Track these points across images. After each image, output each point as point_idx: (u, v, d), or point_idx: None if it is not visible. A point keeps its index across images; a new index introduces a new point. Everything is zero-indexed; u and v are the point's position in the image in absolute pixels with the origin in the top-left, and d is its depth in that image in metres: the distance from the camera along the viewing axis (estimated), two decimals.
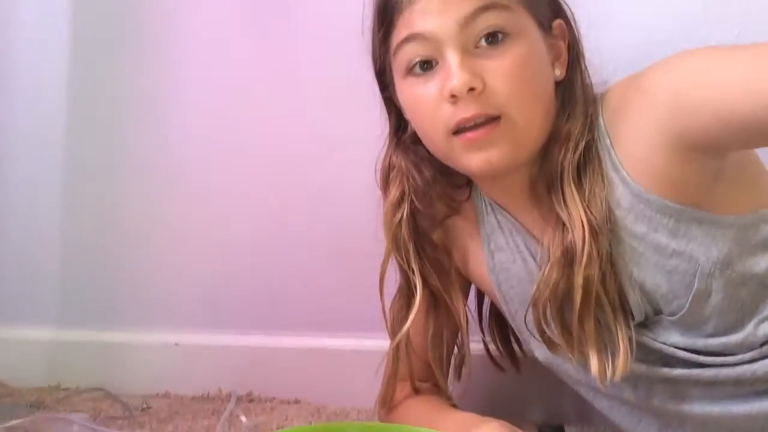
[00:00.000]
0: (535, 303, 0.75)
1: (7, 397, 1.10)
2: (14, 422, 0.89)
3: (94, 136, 1.21)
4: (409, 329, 0.82)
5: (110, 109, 1.20)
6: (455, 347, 0.89)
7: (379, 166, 0.84)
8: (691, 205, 0.69)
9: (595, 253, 0.71)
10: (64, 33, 1.20)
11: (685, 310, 0.72)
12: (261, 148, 1.14)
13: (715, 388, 0.74)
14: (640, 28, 0.98)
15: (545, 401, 1.02)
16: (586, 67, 0.78)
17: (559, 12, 0.77)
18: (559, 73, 0.75)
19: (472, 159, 0.71)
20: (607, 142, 0.72)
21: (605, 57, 0.79)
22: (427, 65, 0.72)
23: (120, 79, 1.19)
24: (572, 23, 0.78)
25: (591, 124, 0.74)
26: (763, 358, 0.71)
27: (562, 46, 0.76)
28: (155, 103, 1.18)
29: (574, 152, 0.73)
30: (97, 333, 1.17)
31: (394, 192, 0.81)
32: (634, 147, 0.71)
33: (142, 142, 1.19)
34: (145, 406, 1.04)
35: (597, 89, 0.78)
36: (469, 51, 0.70)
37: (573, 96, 0.75)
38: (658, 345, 0.75)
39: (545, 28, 0.75)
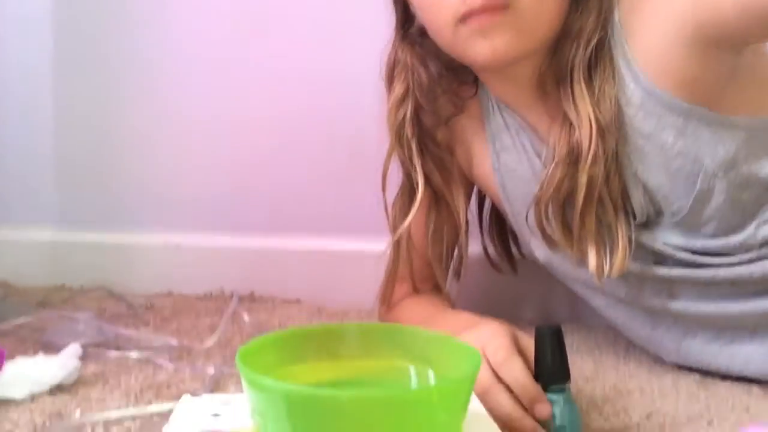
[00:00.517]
0: (537, 201, 0.75)
1: (14, 296, 1.11)
2: (22, 320, 0.90)
3: (84, 33, 1.17)
4: (410, 227, 0.83)
5: (103, 17, 1.16)
6: (455, 248, 0.89)
7: (384, 61, 0.82)
8: (701, 105, 0.69)
9: (600, 152, 0.70)
10: None
11: (686, 210, 0.72)
12: (261, 53, 1.11)
13: (711, 288, 0.75)
14: None
15: (539, 302, 1.04)
16: None
17: None
18: None
19: (478, 47, 0.70)
20: (622, 37, 0.71)
21: None
22: None
23: None
24: None
25: (605, 20, 0.72)
26: (760, 259, 0.72)
27: None
28: (153, 14, 1.14)
29: (586, 49, 0.71)
30: (99, 234, 1.17)
31: (398, 88, 0.80)
32: (651, 42, 0.69)
33: (143, 38, 1.15)
34: (148, 304, 1.05)
35: None
36: None
37: None
38: (657, 245, 0.75)
39: None
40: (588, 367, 0.81)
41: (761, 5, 0.62)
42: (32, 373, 0.70)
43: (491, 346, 0.61)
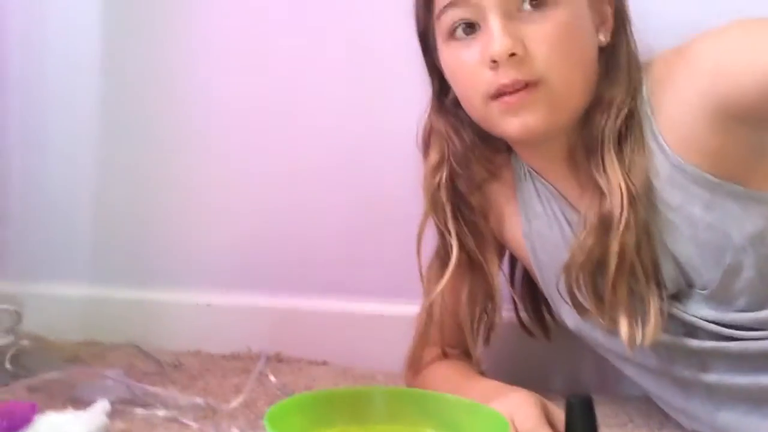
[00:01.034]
0: (567, 268, 0.76)
1: (45, 350, 1.12)
2: (52, 375, 0.91)
3: (128, 99, 1.22)
4: (443, 291, 0.83)
5: (144, 72, 1.21)
6: (486, 313, 0.89)
7: (420, 130, 0.85)
8: (728, 179, 0.69)
9: (632, 220, 0.71)
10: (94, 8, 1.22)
11: (716, 283, 0.72)
12: (297, 110, 1.15)
13: (743, 361, 0.74)
14: None
15: (569, 371, 1.02)
16: (632, 32, 0.77)
17: None
18: (603, 38, 0.75)
19: (509, 124, 0.72)
20: (648, 110, 0.72)
21: (651, 24, 0.78)
22: (470, 29, 0.72)
23: (149, 51, 1.20)
24: None
25: (634, 91, 0.73)
26: None
27: (608, 11, 0.75)
28: (189, 66, 1.19)
29: (616, 119, 0.72)
30: (130, 291, 1.20)
31: (433, 155, 0.83)
32: (675, 116, 0.70)
33: (177, 105, 1.19)
34: (177, 362, 1.07)
35: (641, 55, 0.77)
36: (511, 15, 0.70)
37: (617, 62, 0.75)
38: (688, 317, 0.75)
39: None
40: None
41: None
42: (61, 427, 0.71)
43: (520, 415, 0.60)
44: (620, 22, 0.76)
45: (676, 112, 0.70)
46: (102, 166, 1.24)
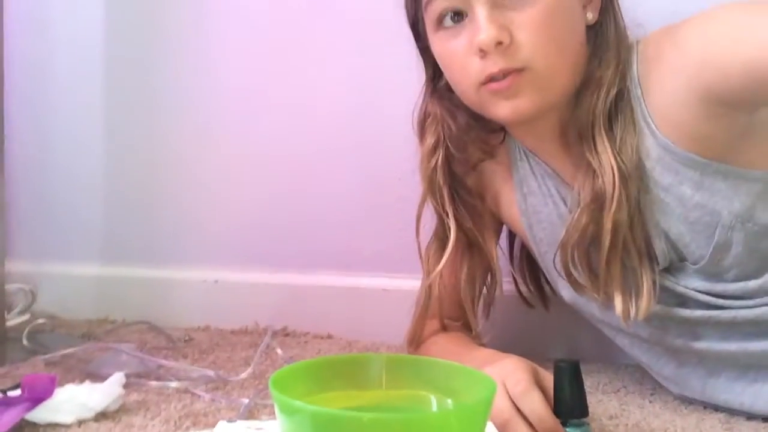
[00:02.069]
0: (563, 246, 0.77)
1: (60, 328, 1.16)
2: (68, 350, 0.94)
3: (134, 76, 1.24)
4: (442, 270, 0.85)
5: (149, 48, 1.23)
6: (485, 288, 0.92)
7: (416, 114, 0.86)
8: (717, 160, 0.70)
9: (624, 198, 0.72)
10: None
11: (706, 259, 0.74)
12: (300, 94, 1.17)
13: (733, 329, 0.76)
14: None
15: (567, 341, 1.04)
16: (619, 9, 0.77)
17: None
18: (591, 16, 0.75)
19: (500, 108, 0.73)
20: (639, 92, 0.73)
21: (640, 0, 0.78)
22: (458, 16, 0.73)
23: (157, 13, 1.22)
24: None
25: (624, 71, 0.74)
26: None
27: None
28: (196, 37, 1.20)
29: (606, 99, 0.73)
30: (141, 269, 1.23)
31: (429, 139, 0.84)
32: (664, 100, 0.71)
33: (183, 84, 1.22)
34: (187, 338, 1.10)
35: (631, 32, 0.77)
36: (496, 3, 0.70)
37: (605, 40, 0.75)
38: (680, 288, 0.77)
39: None
40: (613, 406, 0.82)
41: (764, 75, 0.63)
42: (79, 399, 0.74)
43: (512, 379, 0.63)
44: None
45: (664, 97, 0.71)
46: (112, 149, 1.26)
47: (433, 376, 0.54)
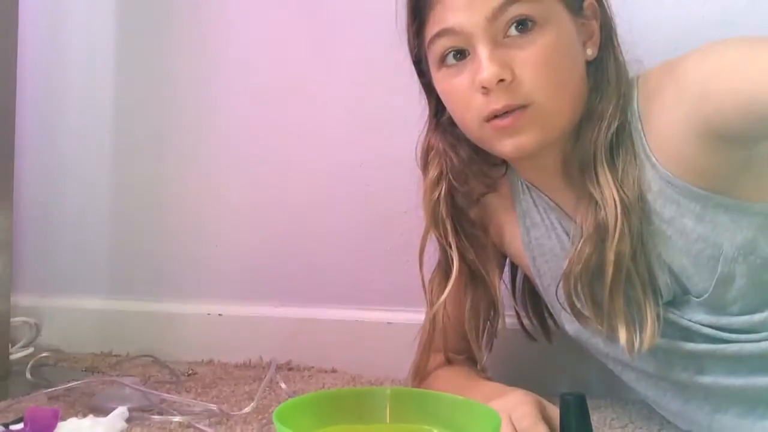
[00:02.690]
0: (566, 277, 0.77)
1: (64, 361, 1.16)
2: (72, 384, 0.94)
3: (141, 117, 1.26)
4: (446, 301, 0.85)
5: (156, 91, 1.25)
6: (488, 322, 0.91)
7: (419, 147, 0.87)
8: (718, 192, 0.70)
9: (626, 230, 0.72)
10: (111, 15, 1.26)
11: (709, 292, 0.73)
12: (301, 126, 1.18)
13: (739, 363, 0.75)
14: (676, 3, 0.98)
15: (574, 375, 1.03)
16: (618, 45, 0.78)
17: None
18: (590, 52, 0.76)
19: (504, 144, 0.74)
20: (639, 126, 0.73)
21: (639, 34, 0.79)
22: (460, 54, 0.74)
23: (163, 60, 1.24)
24: (604, 1, 0.78)
25: (624, 105, 0.75)
26: None
27: (594, 25, 0.77)
28: (199, 83, 1.22)
29: (607, 132, 0.74)
30: (145, 303, 1.23)
31: (432, 172, 0.84)
32: (664, 133, 0.72)
33: (186, 122, 1.23)
34: (190, 372, 1.10)
35: (631, 69, 0.78)
36: (498, 42, 0.72)
37: (605, 75, 0.76)
38: (684, 322, 0.76)
39: (575, 10, 0.75)
40: None
41: (760, 110, 0.63)
42: None
43: (518, 412, 0.62)
44: (607, 35, 0.77)
45: (664, 130, 0.72)
46: (117, 184, 1.27)
47: (437, 410, 0.54)
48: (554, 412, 0.63)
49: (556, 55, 0.72)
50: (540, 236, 0.84)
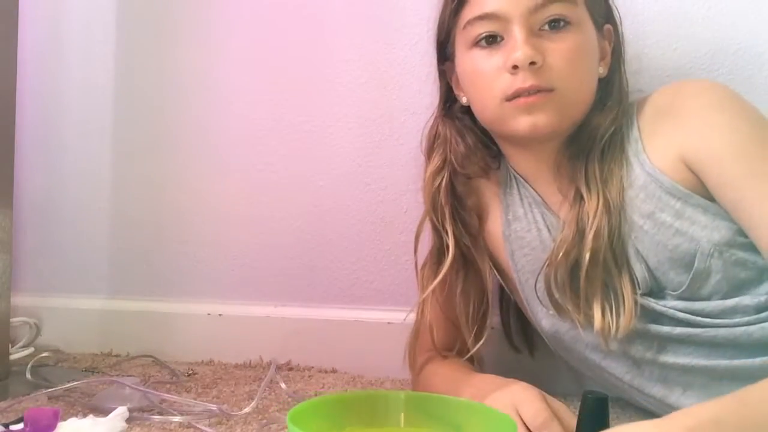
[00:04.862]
0: (549, 266, 0.81)
1: (64, 362, 1.16)
2: (72, 384, 0.94)
3: (141, 117, 1.26)
4: (438, 288, 0.88)
5: (156, 91, 1.25)
6: (481, 311, 0.92)
7: (426, 134, 0.91)
8: (700, 194, 0.75)
9: (605, 226, 0.77)
10: (111, 14, 1.26)
11: (685, 287, 0.76)
12: (297, 125, 1.18)
13: (716, 348, 0.76)
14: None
15: (573, 377, 1.04)
16: (625, 71, 0.85)
17: (609, 17, 0.85)
18: (602, 71, 0.83)
19: (519, 122, 0.78)
20: (638, 135, 0.79)
21: (644, 65, 0.90)
22: (492, 39, 0.79)
23: (164, 60, 1.24)
24: (619, 30, 0.86)
25: (621, 116, 0.81)
26: (758, 322, 0.74)
27: (608, 48, 0.84)
28: (200, 82, 1.22)
29: (603, 135, 0.80)
30: (145, 304, 1.23)
31: (436, 159, 0.89)
32: (661, 149, 0.78)
33: (185, 122, 1.23)
34: (190, 372, 1.10)
35: (633, 96, 0.85)
36: (533, 32, 0.77)
37: (610, 92, 0.83)
38: (659, 308, 0.78)
39: (598, 27, 0.83)
40: None
41: (721, 203, 0.72)
42: None
43: (529, 410, 0.63)
44: (617, 58, 0.84)
45: (663, 144, 0.78)
46: (117, 182, 1.27)
47: (451, 415, 0.54)
48: (559, 407, 0.64)
49: (582, 53, 0.79)
50: (520, 229, 0.87)
